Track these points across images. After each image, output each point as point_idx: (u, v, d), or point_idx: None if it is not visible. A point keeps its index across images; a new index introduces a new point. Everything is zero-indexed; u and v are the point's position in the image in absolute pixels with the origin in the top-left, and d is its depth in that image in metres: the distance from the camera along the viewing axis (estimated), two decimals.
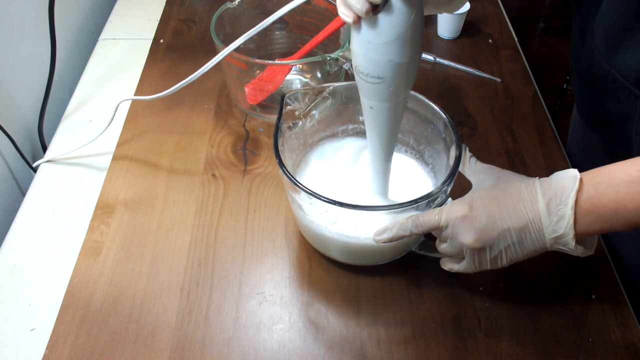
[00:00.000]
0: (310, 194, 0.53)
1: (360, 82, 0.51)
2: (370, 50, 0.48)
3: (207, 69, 0.65)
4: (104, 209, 0.72)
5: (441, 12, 0.66)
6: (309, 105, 0.64)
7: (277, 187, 0.75)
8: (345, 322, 0.61)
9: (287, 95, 0.62)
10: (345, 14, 0.47)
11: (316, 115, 0.66)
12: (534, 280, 0.65)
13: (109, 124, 0.78)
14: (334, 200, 0.53)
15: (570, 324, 0.61)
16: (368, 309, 0.63)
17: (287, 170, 0.56)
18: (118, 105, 0.78)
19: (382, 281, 0.65)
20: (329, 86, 0.65)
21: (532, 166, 0.78)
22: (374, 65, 0.49)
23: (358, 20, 0.47)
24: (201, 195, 0.74)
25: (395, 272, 0.65)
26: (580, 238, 0.49)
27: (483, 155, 0.57)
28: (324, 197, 0.53)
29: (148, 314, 0.62)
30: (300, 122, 0.65)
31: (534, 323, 0.61)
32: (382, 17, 0.45)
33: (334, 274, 0.66)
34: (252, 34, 0.59)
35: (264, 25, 0.58)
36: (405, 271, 0.66)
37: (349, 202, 0.53)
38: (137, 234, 0.69)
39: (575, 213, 0.47)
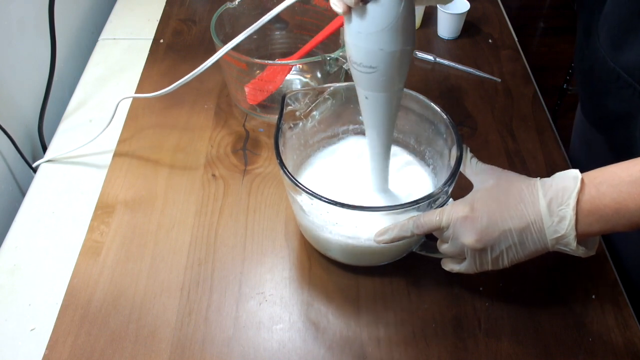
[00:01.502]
0: (312, 195, 0.53)
1: (354, 72, 0.52)
2: (361, 39, 0.48)
3: (206, 67, 0.65)
4: (104, 209, 0.72)
5: (436, 4, 0.67)
6: (310, 106, 0.64)
7: (277, 187, 0.75)
8: (346, 322, 0.61)
9: (288, 95, 0.62)
10: (336, 4, 0.48)
11: (317, 116, 0.66)
12: (534, 280, 0.65)
13: (109, 123, 0.78)
14: (335, 201, 0.53)
15: (570, 324, 0.61)
16: (368, 309, 0.63)
17: (288, 171, 0.56)
18: (118, 103, 0.78)
19: (382, 281, 0.65)
20: (329, 87, 0.65)
21: (532, 166, 0.78)
22: (365, 55, 0.49)
23: (348, 10, 0.47)
24: (201, 195, 0.74)
25: (396, 272, 0.65)
26: (581, 238, 0.48)
27: (483, 155, 0.57)
28: (325, 198, 0.53)
29: (148, 314, 0.62)
30: (301, 123, 0.65)
31: (534, 323, 0.61)
32: (371, 7, 0.46)
33: (334, 274, 0.66)
34: (251, 31, 0.59)
35: (263, 22, 0.58)
36: (406, 271, 0.66)
37: (350, 203, 0.53)
38: (137, 234, 0.69)
39: (576, 213, 0.47)
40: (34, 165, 0.83)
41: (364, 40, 0.48)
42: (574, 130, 0.87)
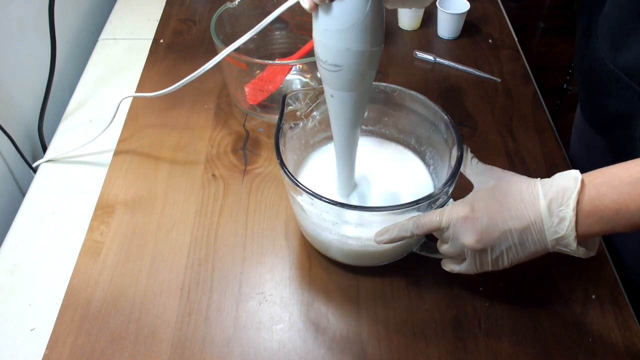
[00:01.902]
0: (312, 195, 0.53)
1: (320, 69, 0.52)
2: (327, 37, 0.48)
3: (207, 69, 0.65)
4: (104, 209, 0.72)
5: (409, 7, 0.67)
6: (310, 106, 0.64)
7: (277, 187, 0.75)
8: (346, 322, 0.61)
9: (289, 95, 0.62)
10: (304, 1, 0.48)
11: (317, 116, 0.66)
12: (534, 280, 0.65)
13: (111, 122, 0.78)
14: (335, 201, 0.53)
15: (570, 324, 0.61)
16: (368, 309, 0.63)
17: (288, 171, 0.56)
18: (120, 103, 0.78)
19: (382, 281, 0.65)
20: None
21: (532, 166, 0.78)
22: (331, 53, 0.49)
23: (315, 7, 0.47)
24: (201, 195, 0.74)
25: (396, 272, 0.65)
26: (581, 239, 0.48)
27: (483, 155, 0.57)
28: (325, 198, 0.53)
29: (148, 314, 0.62)
30: (302, 123, 0.65)
31: (534, 323, 0.61)
32: (336, 5, 0.46)
33: (334, 274, 0.66)
34: (253, 34, 0.59)
35: (264, 25, 0.58)
36: (406, 271, 0.66)
37: (350, 203, 0.53)
38: (137, 234, 0.69)
39: (576, 214, 0.47)
40: (34, 165, 0.83)
41: (331, 38, 0.48)
42: (574, 132, 0.87)
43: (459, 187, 0.57)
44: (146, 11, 1.09)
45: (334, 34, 0.48)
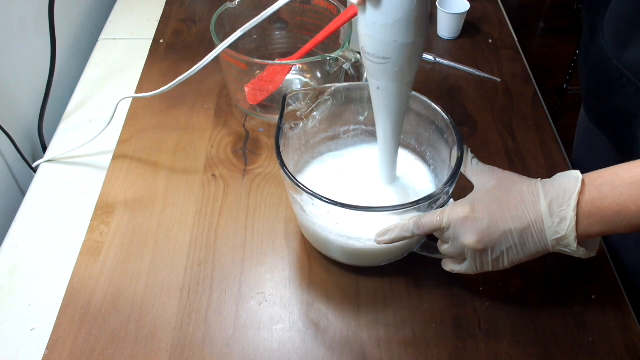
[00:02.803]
0: (312, 195, 0.53)
1: (367, 62, 0.52)
2: (376, 31, 0.49)
3: (205, 63, 0.64)
4: (104, 209, 0.72)
5: None
6: (311, 106, 0.64)
7: (277, 187, 0.75)
8: (346, 322, 0.61)
9: (289, 95, 0.62)
10: None
11: (317, 116, 0.66)
12: (534, 280, 0.65)
13: (109, 122, 0.78)
14: (336, 202, 0.53)
15: (570, 324, 0.61)
16: (368, 309, 0.63)
17: (289, 171, 0.56)
18: (118, 103, 0.78)
19: (382, 281, 0.65)
20: (330, 87, 0.65)
21: (532, 166, 0.78)
22: (379, 46, 0.50)
23: (363, 1, 0.48)
24: (201, 195, 0.74)
25: (396, 272, 0.65)
26: (582, 240, 0.48)
27: (483, 155, 0.57)
28: (325, 199, 0.53)
29: (148, 314, 0.62)
30: (302, 123, 0.65)
31: (534, 323, 0.61)
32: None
33: (334, 274, 0.66)
34: (251, 26, 0.59)
35: (263, 18, 0.59)
36: (406, 271, 0.66)
37: (350, 203, 0.53)
38: (137, 234, 0.69)
39: (577, 214, 0.47)
40: (34, 165, 0.83)
41: (379, 31, 0.49)
42: (577, 132, 0.87)
43: (458, 186, 0.57)
44: (146, 11, 1.09)
45: (384, 28, 0.48)
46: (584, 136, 0.84)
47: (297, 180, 0.55)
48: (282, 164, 0.56)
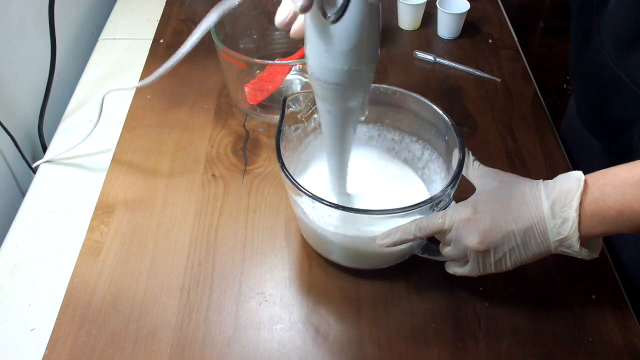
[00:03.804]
0: (313, 198, 0.53)
1: (316, 87, 0.50)
2: (327, 59, 0.47)
3: (187, 50, 0.59)
4: (104, 209, 0.72)
5: None
6: (311, 108, 0.64)
7: (277, 187, 0.75)
8: (346, 322, 0.61)
9: (289, 98, 0.62)
10: (296, 22, 0.48)
11: (318, 118, 0.65)
12: (534, 280, 0.65)
13: (99, 117, 0.76)
14: (337, 204, 0.53)
15: (570, 324, 0.61)
16: (368, 309, 0.62)
17: (289, 173, 0.55)
18: (104, 96, 0.75)
19: (382, 281, 0.65)
20: None
21: (532, 166, 0.78)
22: (330, 73, 0.48)
23: (313, 30, 0.45)
24: (201, 195, 0.74)
25: (396, 272, 0.65)
26: (584, 240, 0.48)
27: (483, 156, 0.57)
28: (326, 201, 0.53)
29: (148, 314, 0.62)
30: (302, 125, 0.65)
31: (534, 323, 0.61)
32: (339, 28, 0.44)
33: (334, 274, 0.66)
34: (196, 38, 0.56)
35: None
36: (406, 271, 0.65)
37: (352, 206, 0.53)
38: (137, 234, 0.69)
39: (579, 215, 0.47)
40: (33, 165, 0.83)
41: (331, 59, 0.46)
42: (563, 133, 0.86)
43: (460, 188, 0.57)
44: (146, 11, 1.09)
45: (335, 55, 0.46)
46: (573, 143, 0.83)
47: (298, 183, 0.54)
48: (283, 166, 0.56)
